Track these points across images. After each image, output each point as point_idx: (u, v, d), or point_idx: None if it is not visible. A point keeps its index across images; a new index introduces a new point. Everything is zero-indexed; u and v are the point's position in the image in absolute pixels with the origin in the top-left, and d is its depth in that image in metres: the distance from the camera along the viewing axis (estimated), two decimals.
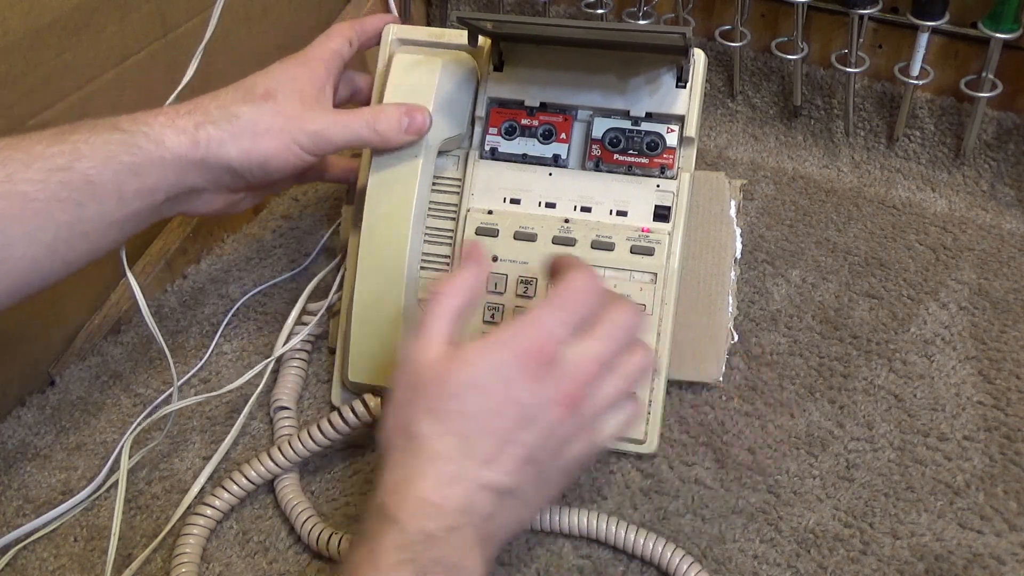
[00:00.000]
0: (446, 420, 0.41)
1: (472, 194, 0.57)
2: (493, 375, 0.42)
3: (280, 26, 0.76)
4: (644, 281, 0.54)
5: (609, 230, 0.55)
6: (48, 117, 0.57)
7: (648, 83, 0.55)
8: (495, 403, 0.42)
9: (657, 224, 0.55)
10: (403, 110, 0.52)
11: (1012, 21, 0.65)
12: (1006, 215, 0.71)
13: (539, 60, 0.57)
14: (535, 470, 0.43)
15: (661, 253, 0.54)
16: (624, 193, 0.56)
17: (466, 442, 0.41)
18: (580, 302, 0.44)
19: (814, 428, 0.57)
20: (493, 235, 0.56)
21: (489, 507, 0.41)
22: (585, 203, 0.56)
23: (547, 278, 0.50)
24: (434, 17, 0.90)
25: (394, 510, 0.40)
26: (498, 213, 0.56)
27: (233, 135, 0.49)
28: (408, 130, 0.52)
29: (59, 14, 0.56)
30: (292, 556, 0.52)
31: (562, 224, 0.55)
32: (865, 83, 0.75)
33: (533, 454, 0.42)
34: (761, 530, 0.52)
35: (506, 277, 0.55)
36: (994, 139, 0.72)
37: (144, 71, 0.63)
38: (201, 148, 0.48)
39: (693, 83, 0.55)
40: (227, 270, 0.70)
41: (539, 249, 0.55)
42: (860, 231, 0.70)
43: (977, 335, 0.62)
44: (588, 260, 0.54)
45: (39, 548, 0.53)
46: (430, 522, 0.40)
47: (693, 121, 0.55)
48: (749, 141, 0.79)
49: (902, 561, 0.50)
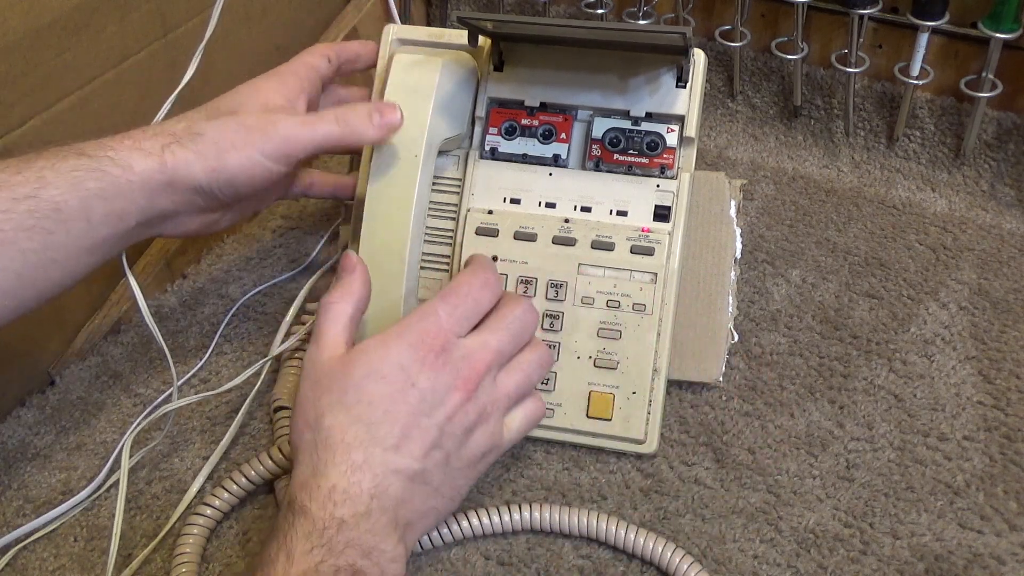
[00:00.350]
0: (351, 409, 0.44)
1: (472, 194, 0.57)
2: (390, 363, 0.44)
3: (280, 26, 0.76)
4: (644, 281, 0.54)
5: (609, 230, 0.55)
6: (48, 117, 0.57)
7: (648, 83, 0.55)
8: (395, 389, 0.44)
9: (657, 224, 0.55)
10: (373, 106, 0.51)
11: (1012, 21, 0.65)
12: (1006, 215, 0.71)
13: (539, 60, 0.57)
14: (442, 456, 0.45)
15: (661, 253, 0.54)
16: (624, 193, 0.56)
17: (371, 429, 0.43)
18: (472, 296, 0.48)
19: (814, 428, 0.57)
20: (493, 235, 0.56)
21: (400, 491, 0.43)
22: (585, 203, 0.56)
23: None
24: (434, 17, 0.90)
25: (305, 502, 0.41)
26: (498, 213, 0.56)
27: (198, 154, 0.48)
28: (380, 125, 0.51)
29: (59, 14, 0.56)
30: None
31: (562, 224, 0.55)
32: (865, 83, 0.75)
33: (437, 439, 0.45)
34: (761, 530, 0.52)
35: (506, 277, 0.55)
36: (994, 139, 0.72)
37: (144, 71, 0.63)
38: (168, 170, 0.47)
39: (693, 83, 0.55)
40: (227, 270, 0.70)
41: (539, 249, 0.55)
42: (860, 231, 0.70)
43: (977, 335, 0.62)
44: (589, 260, 0.55)
45: (39, 548, 0.53)
46: (340, 509, 0.41)
47: (693, 121, 0.55)
48: (749, 141, 0.79)
49: (902, 561, 0.50)
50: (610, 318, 0.54)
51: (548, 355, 0.51)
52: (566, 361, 0.55)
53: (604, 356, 0.54)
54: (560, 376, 0.55)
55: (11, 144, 0.55)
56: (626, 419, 0.54)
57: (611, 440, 0.55)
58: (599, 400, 0.54)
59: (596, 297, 0.55)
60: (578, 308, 0.55)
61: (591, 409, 0.54)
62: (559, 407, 0.55)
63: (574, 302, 0.55)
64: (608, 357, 0.54)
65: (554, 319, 0.55)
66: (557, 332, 0.55)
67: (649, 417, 0.54)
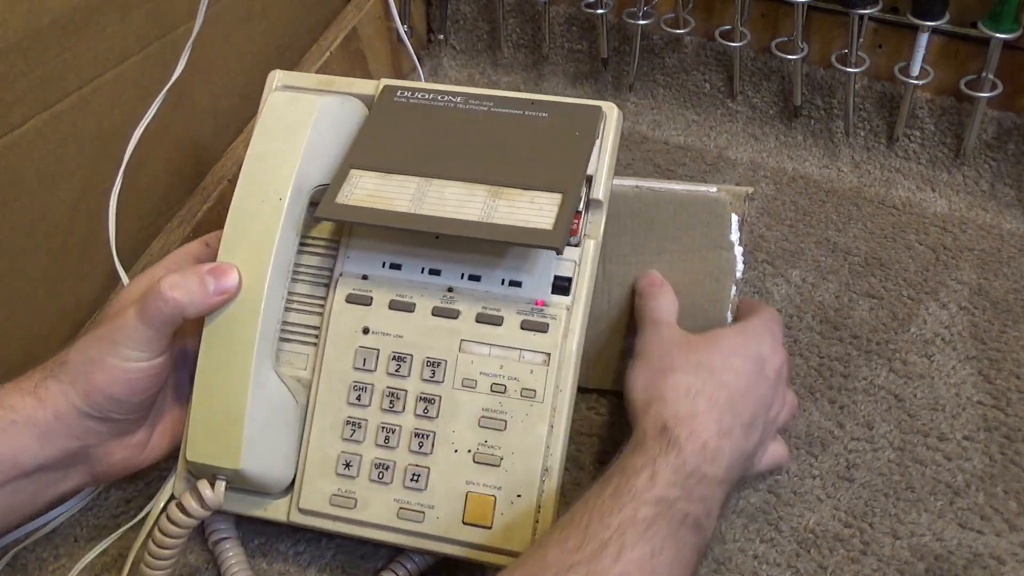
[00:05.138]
0: (718, 375, 0.47)
1: (347, 256, 0.50)
2: (750, 350, 0.50)
3: (280, 26, 0.76)
4: (536, 363, 0.47)
5: (499, 302, 0.48)
6: (48, 117, 0.57)
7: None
8: (753, 372, 0.48)
9: (556, 297, 0.48)
10: (204, 269, 0.45)
11: (1012, 21, 0.65)
12: (1006, 215, 0.71)
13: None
14: (757, 455, 0.50)
15: (556, 330, 0.47)
16: (519, 260, 0.49)
17: (733, 402, 0.47)
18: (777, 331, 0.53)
19: (814, 428, 0.57)
20: (366, 303, 0.49)
21: (739, 472, 0.47)
22: (474, 271, 0.49)
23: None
24: (434, 17, 0.90)
25: (681, 439, 0.44)
26: (374, 278, 0.50)
27: (71, 382, 0.45)
28: (216, 291, 0.45)
29: (59, 14, 0.56)
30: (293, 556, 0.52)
31: (445, 293, 0.49)
32: (865, 83, 0.75)
33: (762, 438, 0.49)
34: (761, 530, 0.52)
35: (377, 352, 0.48)
36: (994, 139, 0.72)
37: (144, 71, 0.63)
38: (48, 405, 0.45)
39: (604, 141, 0.50)
40: None
41: (417, 321, 0.48)
42: (860, 231, 0.70)
43: (977, 335, 0.62)
44: (472, 336, 0.48)
45: (39, 548, 0.53)
46: (707, 466, 0.44)
47: (602, 182, 0.49)
48: (749, 141, 0.79)
49: (902, 561, 0.50)
50: (494, 405, 0.47)
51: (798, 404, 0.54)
52: (442, 454, 0.47)
53: (486, 450, 0.47)
54: (433, 472, 0.47)
55: (11, 144, 0.55)
56: (508, 527, 0.46)
57: (491, 553, 0.46)
58: (477, 503, 0.46)
59: (479, 379, 0.47)
60: (458, 392, 0.47)
61: (468, 514, 0.46)
62: (431, 509, 0.47)
63: (454, 384, 0.48)
64: (490, 451, 0.47)
65: (429, 403, 0.47)
66: (432, 419, 0.47)
67: (537, 527, 0.46)
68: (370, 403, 0.48)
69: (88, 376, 0.45)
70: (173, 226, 0.70)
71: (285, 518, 0.49)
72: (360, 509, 0.48)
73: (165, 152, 0.67)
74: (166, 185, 0.69)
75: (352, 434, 0.48)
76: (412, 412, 0.48)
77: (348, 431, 0.48)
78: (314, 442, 0.49)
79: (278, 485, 0.48)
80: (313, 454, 0.48)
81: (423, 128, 0.51)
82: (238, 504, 0.49)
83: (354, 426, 0.48)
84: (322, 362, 0.49)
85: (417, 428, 0.48)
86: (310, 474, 0.48)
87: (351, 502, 0.48)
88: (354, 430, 0.48)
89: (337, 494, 0.48)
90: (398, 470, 0.47)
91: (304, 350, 0.50)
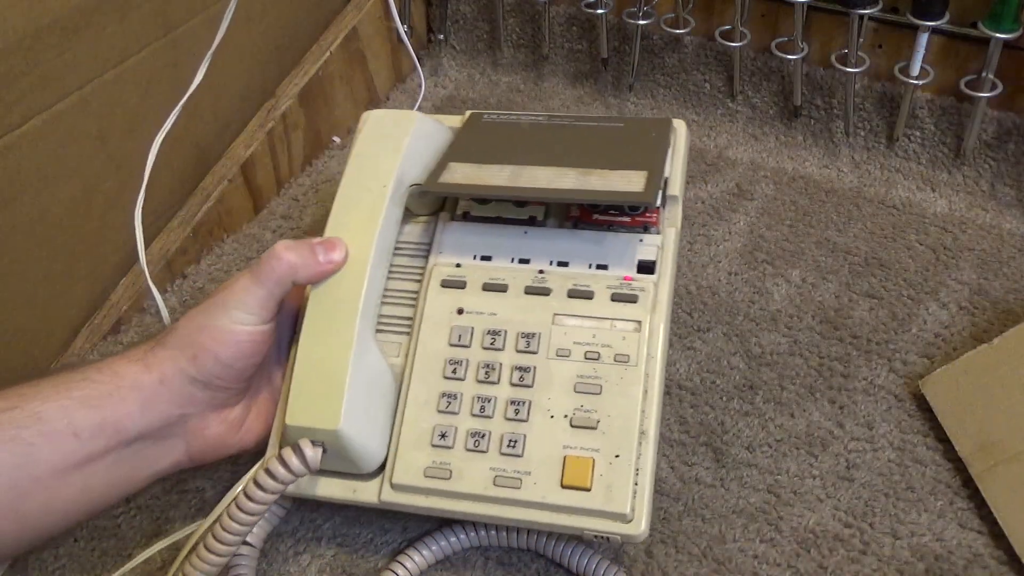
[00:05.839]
0: None
1: (440, 252, 0.53)
2: None
3: (280, 26, 0.76)
4: (627, 330, 0.49)
5: (588, 279, 0.50)
6: (48, 117, 0.57)
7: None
8: None
9: (641, 275, 0.50)
10: (314, 241, 0.48)
11: (1012, 21, 0.65)
12: (1006, 215, 0.71)
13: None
14: None
15: (646, 301, 0.49)
16: (604, 248, 0.51)
17: None
18: None
19: (814, 428, 0.57)
20: (460, 287, 0.51)
21: None
22: (562, 258, 0.51)
23: None
24: (434, 17, 0.90)
25: None
26: (466, 266, 0.52)
27: (179, 347, 0.46)
28: (326, 260, 0.48)
29: (59, 14, 0.56)
30: (293, 556, 0.52)
31: (536, 275, 0.51)
32: (865, 83, 0.75)
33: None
34: (761, 530, 0.52)
35: (472, 330, 0.50)
36: (994, 139, 0.72)
37: (145, 71, 0.63)
38: (154, 370, 0.46)
39: (676, 149, 0.54)
40: (227, 270, 0.70)
41: (510, 300, 0.50)
42: (860, 231, 0.70)
43: (977, 335, 0.62)
44: (565, 310, 0.50)
45: (39, 548, 0.53)
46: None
47: (677, 180, 0.53)
48: (749, 141, 0.79)
49: (902, 561, 0.50)
50: (589, 371, 0.48)
51: None
52: (538, 421, 0.47)
53: (582, 414, 0.47)
54: (530, 438, 0.47)
55: (11, 144, 0.55)
56: (608, 488, 0.46)
57: (590, 517, 0.46)
58: (576, 466, 0.46)
59: (573, 349, 0.49)
60: (553, 361, 0.49)
61: (566, 477, 0.46)
62: (527, 475, 0.46)
63: (548, 354, 0.49)
64: (587, 415, 0.47)
65: (524, 372, 0.48)
66: (528, 388, 0.48)
67: (636, 489, 0.46)
68: (465, 376, 0.49)
69: (197, 339, 0.46)
70: (173, 226, 0.70)
71: (376, 499, 0.48)
72: (455, 480, 0.47)
73: (165, 152, 0.67)
74: (166, 186, 0.69)
75: (448, 406, 0.48)
76: (508, 382, 0.49)
77: (443, 403, 0.49)
78: (409, 416, 0.49)
79: (371, 458, 0.48)
80: (408, 429, 0.48)
81: (512, 134, 0.56)
82: (328, 487, 0.49)
83: (450, 398, 0.49)
84: (416, 344, 0.50)
85: (513, 397, 0.48)
86: (404, 447, 0.48)
87: (446, 472, 0.47)
88: (449, 402, 0.49)
89: (432, 466, 0.47)
90: (494, 438, 0.48)
91: (397, 339, 0.52)
